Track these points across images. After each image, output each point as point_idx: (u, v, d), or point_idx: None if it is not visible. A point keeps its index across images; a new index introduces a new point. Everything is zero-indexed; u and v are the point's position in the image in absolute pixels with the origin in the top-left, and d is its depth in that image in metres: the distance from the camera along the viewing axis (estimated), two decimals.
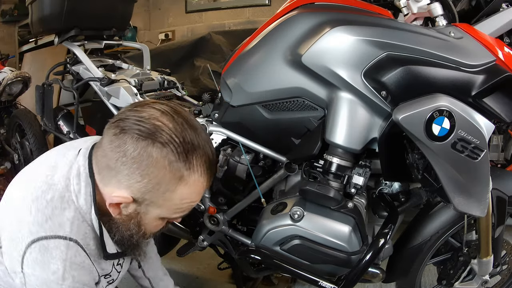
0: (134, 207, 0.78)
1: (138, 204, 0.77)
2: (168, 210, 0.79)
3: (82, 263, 0.78)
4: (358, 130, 1.14)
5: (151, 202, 0.76)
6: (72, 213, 0.78)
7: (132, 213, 0.80)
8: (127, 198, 0.76)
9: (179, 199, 0.77)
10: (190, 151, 0.74)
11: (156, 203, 0.77)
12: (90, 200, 0.79)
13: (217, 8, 4.40)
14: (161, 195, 0.75)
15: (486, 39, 1.05)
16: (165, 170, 0.72)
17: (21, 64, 5.18)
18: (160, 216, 0.81)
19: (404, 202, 1.32)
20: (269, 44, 1.24)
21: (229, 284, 1.97)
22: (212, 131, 1.42)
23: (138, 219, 0.80)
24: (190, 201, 0.80)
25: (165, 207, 0.78)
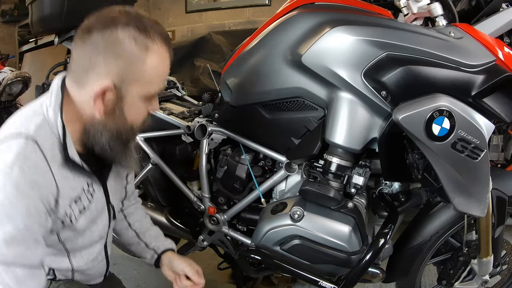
0: (115, 93, 0.83)
1: (118, 89, 0.83)
2: (144, 83, 0.84)
3: (36, 162, 0.80)
4: (358, 130, 1.14)
5: (128, 80, 0.82)
6: (40, 121, 0.84)
7: (115, 103, 0.84)
8: (108, 85, 0.81)
9: (150, 68, 0.83)
10: (148, 26, 0.83)
11: (133, 79, 0.83)
12: (58, 110, 0.85)
13: (217, 8, 4.39)
14: (135, 69, 0.82)
15: (486, 39, 1.05)
16: (132, 46, 0.80)
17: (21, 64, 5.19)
18: (139, 94, 0.85)
19: (404, 202, 1.32)
20: (269, 44, 1.24)
21: (229, 284, 1.97)
22: (212, 131, 1.42)
23: (122, 106, 0.85)
24: (159, 70, 0.85)
25: (141, 80, 0.84)
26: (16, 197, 0.77)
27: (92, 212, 0.95)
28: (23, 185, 0.77)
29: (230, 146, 1.45)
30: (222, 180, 1.43)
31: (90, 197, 0.93)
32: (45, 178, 0.81)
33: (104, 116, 0.84)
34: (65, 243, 0.93)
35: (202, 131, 1.45)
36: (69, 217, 0.88)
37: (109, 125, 0.86)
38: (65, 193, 0.86)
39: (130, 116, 0.87)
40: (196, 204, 1.50)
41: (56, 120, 0.84)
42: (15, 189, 0.77)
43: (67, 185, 0.86)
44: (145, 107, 0.89)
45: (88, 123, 0.87)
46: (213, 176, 1.46)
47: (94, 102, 0.83)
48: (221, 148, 1.44)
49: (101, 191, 0.98)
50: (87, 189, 0.92)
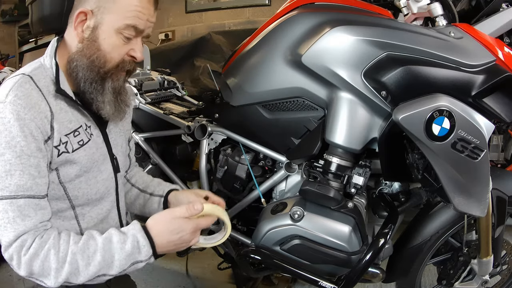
0: (92, 20, 0.90)
1: (95, 15, 0.90)
2: (118, 14, 0.90)
3: (30, 90, 0.86)
4: (358, 130, 1.14)
5: (104, 9, 0.89)
6: (37, 66, 0.92)
7: (91, 30, 0.91)
8: (85, 10, 0.89)
9: (125, 1, 0.90)
10: None
11: (108, 8, 0.89)
12: (52, 54, 0.93)
13: (217, 8, 4.39)
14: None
15: (486, 39, 1.05)
16: None
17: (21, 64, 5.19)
18: (114, 25, 0.90)
19: (404, 202, 1.32)
20: (269, 44, 1.24)
21: (229, 284, 1.97)
22: (212, 131, 1.42)
23: (97, 33, 0.91)
24: (135, 5, 0.90)
25: (116, 11, 0.90)
26: (11, 121, 0.81)
27: (92, 150, 0.96)
28: (17, 109, 0.82)
29: (230, 146, 1.45)
30: (222, 180, 1.43)
31: (88, 136, 0.96)
32: (38, 103, 0.86)
33: (82, 43, 0.92)
34: (66, 186, 0.93)
35: (202, 131, 1.45)
36: (64, 145, 0.90)
37: (85, 52, 0.91)
38: (60, 121, 0.89)
39: (105, 46, 0.92)
40: None
41: (51, 62, 0.93)
42: (10, 113, 0.82)
43: (63, 116, 0.91)
44: (122, 44, 0.93)
45: (71, 53, 0.93)
46: (213, 176, 1.46)
47: (75, 28, 0.91)
48: (221, 148, 1.44)
49: (101, 137, 1.01)
50: (85, 128, 0.96)
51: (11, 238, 0.82)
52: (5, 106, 0.82)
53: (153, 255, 0.90)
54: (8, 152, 0.81)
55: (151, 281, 1.99)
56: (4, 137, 0.81)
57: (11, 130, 0.81)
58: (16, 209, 0.82)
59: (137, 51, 0.95)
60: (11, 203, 0.82)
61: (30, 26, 1.89)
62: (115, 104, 0.98)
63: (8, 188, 0.82)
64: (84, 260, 0.84)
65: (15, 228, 0.82)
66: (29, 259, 0.82)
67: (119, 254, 0.86)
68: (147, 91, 1.84)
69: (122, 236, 0.88)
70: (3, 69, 3.12)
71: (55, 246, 0.84)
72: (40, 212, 0.85)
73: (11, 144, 0.81)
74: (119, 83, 0.97)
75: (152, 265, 2.13)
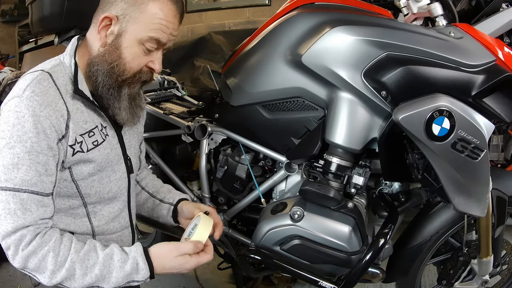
0: (117, 27, 0.91)
1: (120, 22, 0.91)
2: (143, 25, 0.91)
3: (48, 87, 0.87)
4: (358, 130, 1.14)
5: (129, 17, 0.90)
6: (56, 63, 0.93)
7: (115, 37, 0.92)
8: (111, 15, 0.90)
9: (150, 13, 0.90)
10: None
11: (134, 18, 0.90)
12: (72, 53, 0.94)
13: (217, 8, 4.39)
14: (137, 9, 0.90)
15: (486, 39, 1.05)
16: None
17: (21, 64, 5.19)
18: (137, 36, 0.91)
19: (404, 202, 1.32)
20: (269, 44, 1.24)
21: (229, 284, 1.97)
22: (212, 131, 1.42)
23: (120, 41, 0.92)
24: (161, 18, 0.91)
25: (141, 22, 0.90)
26: (26, 116, 0.82)
27: (107, 150, 0.97)
28: (33, 105, 0.83)
29: (230, 146, 1.45)
30: (222, 180, 1.43)
31: (103, 136, 0.97)
32: (55, 102, 0.87)
33: (104, 48, 0.92)
34: (79, 184, 0.94)
35: (202, 131, 1.45)
36: (79, 144, 0.91)
37: (106, 57, 0.92)
38: (76, 121, 0.90)
39: (126, 55, 0.93)
40: None
41: (71, 61, 0.93)
42: (26, 108, 0.82)
43: (79, 116, 0.92)
44: (142, 55, 0.94)
45: (92, 56, 0.94)
46: (213, 176, 1.46)
47: (99, 31, 0.92)
48: (221, 148, 1.44)
49: (116, 138, 1.02)
50: (100, 129, 0.97)
51: (9, 229, 0.83)
52: (22, 101, 0.83)
53: (150, 277, 0.93)
54: (18, 146, 0.82)
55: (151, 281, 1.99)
56: (17, 131, 0.82)
57: (24, 125, 0.82)
58: (18, 202, 0.83)
59: (156, 63, 0.97)
60: (14, 195, 0.83)
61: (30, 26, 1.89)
62: (130, 110, 1.00)
63: (13, 181, 0.82)
64: (82, 270, 0.86)
65: (15, 220, 0.83)
66: (27, 255, 0.83)
67: (117, 272, 0.88)
68: (147, 91, 1.84)
69: (123, 255, 0.90)
70: (3, 69, 3.12)
71: (55, 249, 0.85)
72: (42, 209, 0.86)
73: (23, 139, 0.82)
74: (135, 90, 0.99)
75: None
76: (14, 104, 0.83)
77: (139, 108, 1.03)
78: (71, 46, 0.96)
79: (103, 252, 0.89)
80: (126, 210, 1.08)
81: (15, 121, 0.82)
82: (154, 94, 1.87)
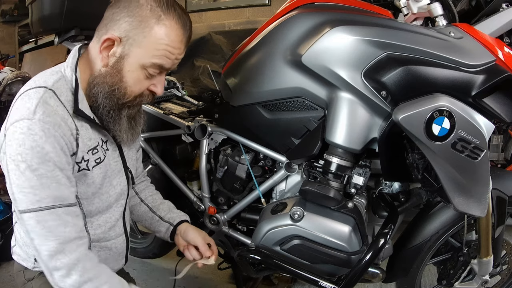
0: (119, 49, 0.88)
1: (123, 45, 0.88)
2: (146, 50, 0.88)
3: (55, 106, 0.85)
4: (358, 130, 1.14)
5: (133, 40, 0.87)
6: (58, 77, 0.90)
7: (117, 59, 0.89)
8: (114, 36, 0.87)
9: (156, 38, 0.87)
10: (170, 4, 0.89)
11: (138, 41, 0.87)
12: (74, 67, 0.91)
13: (217, 8, 4.38)
14: (141, 32, 0.87)
15: (486, 39, 1.05)
16: (147, 11, 0.87)
17: (21, 64, 5.18)
18: (140, 60, 0.88)
19: (404, 202, 1.32)
20: (269, 44, 1.24)
21: (229, 284, 1.97)
22: (212, 131, 1.42)
23: (122, 64, 0.89)
24: (166, 44, 0.88)
25: (145, 46, 0.87)
26: (43, 138, 0.81)
27: (106, 167, 0.97)
28: (48, 127, 0.82)
29: (230, 146, 1.45)
30: (222, 180, 1.43)
31: (104, 152, 0.97)
32: (65, 120, 0.86)
33: (106, 68, 0.90)
34: (82, 201, 0.95)
35: (202, 131, 1.45)
36: (86, 162, 0.91)
37: (107, 80, 0.90)
38: (82, 138, 0.90)
39: (127, 79, 0.90)
40: (196, 204, 1.50)
41: (72, 75, 0.90)
42: (41, 131, 0.81)
43: (84, 133, 0.91)
44: (144, 79, 0.92)
45: (93, 75, 0.92)
46: (213, 176, 1.46)
47: (100, 51, 0.89)
48: (221, 148, 1.44)
49: (117, 151, 1.02)
50: (101, 145, 0.96)
51: (54, 247, 0.83)
52: (35, 124, 0.81)
53: None
54: (42, 167, 0.82)
55: (151, 281, 1.99)
56: (37, 153, 0.81)
57: (43, 146, 0.81)
58: (56, 218, 0.84)
59: (159, 87, 0.95)
60: (50, 213, 0.83)
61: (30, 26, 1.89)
62: (130, 131, 0.99)
63: (46, 200, 0.83)
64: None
65: (58, 236, 0.84)
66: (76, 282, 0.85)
67: None
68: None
69: None
70: (3, 69, 3.12)
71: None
72: (77, 218, 0.88)
73: (45, 159, 0.82)
74: (135, 111, 0.98)
75: (152, 265, 2.13)
76: (27, 127, 0.81)
77: (138, 124, 1.02)
78: (72, 58, 0.93)
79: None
80: (121, 219, 1.08)
81: (33, 143, 0.81)
82: None
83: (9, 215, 2.11)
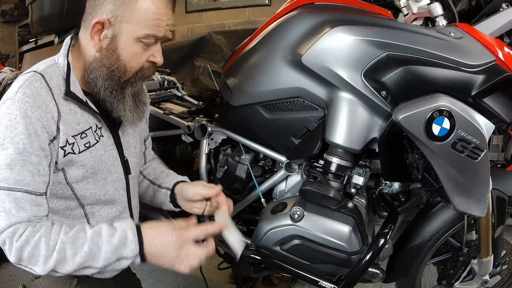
0: (110, 30, 0.88)
1: (113, 26, 0.88)
2: (136, 23, 0.88)
3: (39, 89, 0.86)
4: (358, 130, 1.14)
5: (121, 18, 0.87)
6: (50, 64, 0.92)
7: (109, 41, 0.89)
8: (101, 20, 0.87)
9: (143, 9, 0.87)
10: None
11: (125, 17, 0.87)
12: (66, 53, 0.93)
13: (217, 8, 4.39)
14: (127, 8, 0.87)
15: (486, 39, 1.05)
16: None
17: (21, 64, 5.19)
18: (132, 35, 0.89)
19: (404, 202, 1.32)
20: (269, 44, 1.24)
21: (229, 284, 1.97)
22: (212, 131, 1.42)
23: (116, 44, 0.89)
24: (154, 12, 0.88)
25: (134, 20, 0.88)
26: (17, 118, 0.83)
27: (99, 152, 0.96)
28: (25, 107, 0.83)
29: (230, 146, 1.45)
30: (222, 180, 1.43)
31: (97, 137, 0.96)
32: (46, 103, 0.86)
33: (100, 53, 0.90)
34: (74, 187, 0.94)
35: (202, 131, 1.45)
36: (71, 146, 0.91)
37: (104, 62, 0.91)
38: (68, 123, 0.90)
39: (124, 56, 0.91)
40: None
41: (64, 61, 0.92)
42: (17, 110, 0.83)
43: (72, 118, 0.91)
44: (141, 52, 0.92)
45: (89, 62, 0.92)
46: (213, 176, 1.46)
47: (91, 38, 0.90)
48: (221, 148, 1.44)
49: (111, 139, 1.01)
50: (94, 129, 0.96)
51: (3, 226, 0.84)
52: (13, 103, 0.84)
53: (140, 254, 0.87)
54: (11, 147, 0.83)
55: (151, 281, 1.99)
56: (10, 133, 0.83)
57: (16, 126, 0.83)
58: (12, 201, 0.84)
59: (157, 55, 0.95)
60: (8, 194, 0.84)
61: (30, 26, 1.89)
62: (136, 109, 0.99)
63: (7, 180, 0.83)
64: (72, 250, 0.84)
65: (9, 217, 0.84)
66: (21, 245, 0.83)
67: (106, 247, 0.85)
68: (147, 91, 1.84)
69: (111, 230, 0.87)
70: (3, 69, 3.12)
71: (46, 235, 0.84)
72: (36, 208, 0.86)
73: (15, 140, 0.83)
74: (138, 87, 0.99)
75: (152, 265, 2.13)
76: (7, 106, 0.84)
77: (142, 104, 1.02)
78: (64, 46, 0.95)
79: (91, 230, 0.87)
80: (127, 211, 1.07)
81: (8, 123, 0.83)
82: (154, 94, 1.87)
83: None
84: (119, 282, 0.99)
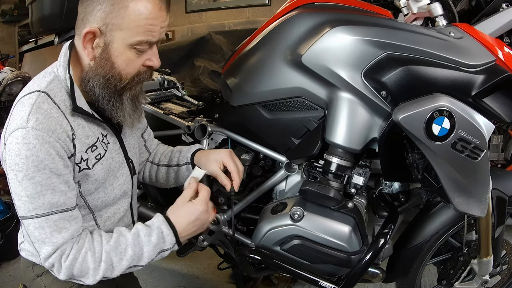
0: (102, 38, 0.86)
1: (104, 34, 0.86)
2: (129, 30, 0.85)
3: (49, 110, 0.85)
4: (358, 130, 1.14)
5: (112, 25, 0.84)
6: (51, 78, 0.89)
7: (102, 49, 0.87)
8: (92, 29, 0.85)
9: (135, 15, 0.84)
10: None
11: (117, 25, 0.84)
12: (66, 66, 0.90)
13: (217, 8, 4.39)
14: (117, 14, 0.84)
15: (486, 39, 1.05)
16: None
17: (21, 64, 5.19)
18: (125, 42, 0.86)
19: (404, 202, 1.32)
20: (269, 44, 1.24)
21: (229, 284, 1.97)
22: (212, 131, 1.42)
23: (109, 51, 0.87)
24: (146, 17, 0.85)
25: (126, 27, 0.85)
26: (37, 146, 0.82)
27: (109, 161, 0.97)
28: (41, 134, 0.82)
29: (230, 146, 1.45)
30: None
31: (105, 147, 0.97)
32: (60, 123, 0.86)
33: (94, 61, 0.89)
34: (86, 198, 0.96)
35: (202, 131, 1.45)
36: (85, 162, 0.91)
37: (99, 71, 0.89)
38: (79, 138, 0.90)
39: (119, 63, 0.89)
40: None
41: (65, 74, 0.90)
42: (35, 139, 0.81)
43: (81, 132, 0.91)
44: (136, 57, 0.90)
45: (85, 71, 0.91)
46: (213, 176, 1.45)
47: (84, 47, 0.88)
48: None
49: (117, 143, 1.02)
50: (101, 139, 0.96)
51: (50, 251, 0.86)
52: (28, 132, 0.82)
53: (177, 242, 0.96)
54: (38, 175, 0.83)
55: (151, 281, 1.99)
56: (32, 162, 0.82)
57: (38, 155, 0.82)
58: (52, 224, 0.85)
59: (154, 59, 0.93)
60: (46, 220, 0.85)
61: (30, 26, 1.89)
62: (135, 113, 0.99)
63: (41, 207, 0.84)
64: (117, 256, 0.89)
65: (53, 242, 0.86)
66: (69, 264, 0.87)
67: (147, 246, 0.92)
68: (147, 91, 1.84)
69: (148, 229, 0.93)
70: (3, 69, 3.12)
71: (91, 249, 0.88)
72: (74, 222, 0.89)
73: (40, 167, 0.82)
74: (137, 91, 0.97)
75: (152, 265, 2.13)
76: (22, 136, 0.82)
77: (140, 103, 1.02)
78: (63, 56, 0.92)
79: (130, 233, 0.92)
80: (129, 209, 1.10)
81: (27, 152, 0.81)
82: (154, 94, 1.87)
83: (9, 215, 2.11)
84: (118, 281, 1.00)
